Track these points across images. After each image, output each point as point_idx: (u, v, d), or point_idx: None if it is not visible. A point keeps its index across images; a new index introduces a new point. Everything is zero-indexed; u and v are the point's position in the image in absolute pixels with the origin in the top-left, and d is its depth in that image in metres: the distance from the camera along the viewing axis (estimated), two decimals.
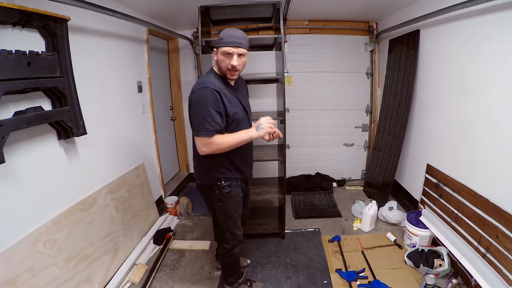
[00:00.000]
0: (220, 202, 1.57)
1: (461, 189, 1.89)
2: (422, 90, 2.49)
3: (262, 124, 1.46)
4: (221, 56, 1.37)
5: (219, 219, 1.64)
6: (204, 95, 1.32)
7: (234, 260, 1.78)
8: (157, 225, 2.56)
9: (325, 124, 3.59)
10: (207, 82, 1.35)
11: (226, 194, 1.52)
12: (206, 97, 1.31)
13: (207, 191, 1.59)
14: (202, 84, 1.35)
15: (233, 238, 1.66)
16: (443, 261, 1.88)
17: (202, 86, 1.34)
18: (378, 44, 3.37)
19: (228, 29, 1.38)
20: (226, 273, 1.85)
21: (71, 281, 1.58)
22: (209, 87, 1.32)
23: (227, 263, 1.78)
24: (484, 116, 1.74)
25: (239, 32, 1.37)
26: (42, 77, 1.40)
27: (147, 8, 2.49)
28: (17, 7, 1.23)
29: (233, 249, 1.70)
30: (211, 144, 1.36)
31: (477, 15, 1.74)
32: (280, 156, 2.32)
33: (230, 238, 1.66)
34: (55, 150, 1.62)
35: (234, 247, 1.70)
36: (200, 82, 1.38)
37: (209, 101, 1.31)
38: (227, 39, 1.34)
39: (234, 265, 1.81)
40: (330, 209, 2.97)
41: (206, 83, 1.35)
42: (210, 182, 1.53)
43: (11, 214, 1.33)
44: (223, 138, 1.38)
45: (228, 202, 1.56)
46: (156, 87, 3.02)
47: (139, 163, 2.53)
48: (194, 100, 1.34)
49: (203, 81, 1.38)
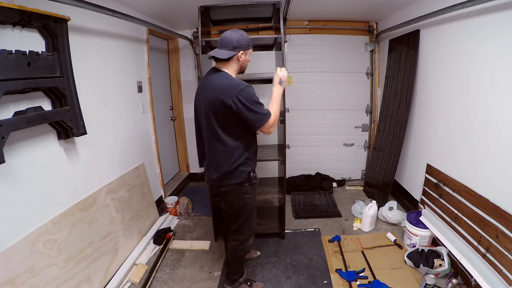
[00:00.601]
0: (247, 194, 1.63)
1: (461, 189, 1.89)
2: (422, 90, 2.49)
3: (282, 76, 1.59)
4: (249, 57, 1.56)
5: (244, 212, 1.67)
6: (250, 90, 1.43)
7: (244, 254, 1.83)
8: (157, 225, 2.56)
9: (325, 124, 3.59)
10: (241, 81, 1.46)
11: (255, 185, 1.64)
12: (252, 92, 1.44)
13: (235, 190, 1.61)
14: (242, 84, 1.44)
15: (250, 229, 1.75)
16: (443, 261, 1.88)
17: (245, 85, 1.43)
18: (378, 44, 3.37)
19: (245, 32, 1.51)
20: (231, 270, 1.84)
21: (71, 281, 1.58)
22: (249, 85, 1.45)
23: (237, 257, 1.80)
24: (484, 116, 1.74)
25: None
26: (42, 77, 1.40)
27: (147, 8, 2.49)
28: (17, 7, 1.23)
29: (248, 240, 1.76)
30: (272, 124, 1.48)
31: (477, 15, 1.74)
32: (280, 156, 2.32)
33: (248, 229, 1.73)
34: (55, 150, 1.62)
35: (248, 238, 1.76)
36: (239, 83, 1.44)
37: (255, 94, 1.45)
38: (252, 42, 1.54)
39: (241, 261, 1.84)
40: (330, 209, 2.97)
41: (243, 83, 1.45)
42: (240, 179, 1.58)
43: (11, 214, 1.33)
44: (274, 114, 1.49)
45: (254, 193, 1.67)
46: (156, 87, 3.01)
47: (139, 163, 2.53)
48: (249, 97, 1.41)
49: (238, 82, 1.46)
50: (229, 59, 1.49)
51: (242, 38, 1.47)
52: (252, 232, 1.78)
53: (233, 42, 1.46)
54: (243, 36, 1.48)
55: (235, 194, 1.62)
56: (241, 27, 3.17)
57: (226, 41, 1.47)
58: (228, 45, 1.47)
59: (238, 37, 1.47)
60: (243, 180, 1.58)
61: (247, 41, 1.50)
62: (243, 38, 1.48)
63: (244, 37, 1.49)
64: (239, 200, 1.64)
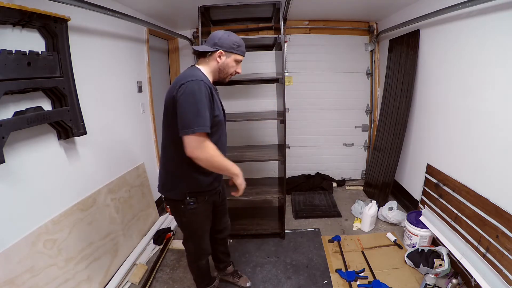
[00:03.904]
0: (184, 217, 1.43)
1: (461, 189, 1.89)
2: (422, 90, 2.49)
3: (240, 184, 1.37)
4: (232, 62, 1.36)
5: (183, 232, 1.54)
6: (199, 87, 1.17)
7: (200, 271, 1.70)
8: (157, 225, 2.56)
9: (325, 124, 3.59)
10: (199, 76, 1.22)
11: (191, 210, 1.38)
12: (201, 90, 1.17)
13: (171, 204, 1.44)
14: (194, 76, 1.20)
15: (198, 251, 1.56)
16: (443, 261, 1.88)
17: (195, 78, 1.19)
18: (378, 44, 3.37)
19: (239, 37, 1.37)
20: (194, 278, 1.77)
21: (71, 281, 1.57)
22: (203, 81, 1.20)
23: (192, 271, 1.71)
24: (484, 116, 1.74)
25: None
26: (42, 77, 1.40)
27: (147, 8, 2.49)
28: (17, 7, 1.23)
29: (198, 261, 1.62)
30: (205, 147, 1.19)
31: (477, 15, 1.74)
32: (280, 156, 2.32)
33: (194, 251, 1.57)
34: (55, 150, 1.62)
35: (198, 259, 1.61)
36: (190, 75, 1.22)
37: (204, 95, 1.18)
38: (243, 49, 1.37)
39: (201, 274, 1.73)
40: (330, 209, 2.97)
41: (198, 77, 1.21)
42: (174, 196, 1.39)
43: (11, 214, 1.33)
44: (216, 151, 1.24)
45: (193, 218, 1.43)
46: (156, 87, 3.01)
47: (139, 163, 2.53)
48: (188, 92, 1.16)
49: (192, 74, 1.22)
50: (206, 56, 1.33)
51: (227, 38, 1.31)
52: (198, 254, 1.57)
53: (215, 38, 1.32)
54: (229, 37, 1.32)
55: (174, 207, 1.43)
56: (241, 27, 3.21)
57: (210, 37, 1.35)
58: (210, 41, 1.34)
59: (223, 35, 1.31)
60: (178, 199, 1.37)
61: (233, 43, 1.32)
62: (228, 39, 1.31)
63: (231, 38, 1.32)
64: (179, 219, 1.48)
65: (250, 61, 3.27)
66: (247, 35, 3.27)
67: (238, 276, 1.95)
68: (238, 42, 1.34)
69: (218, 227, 1.70)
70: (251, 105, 3.43)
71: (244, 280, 1.95)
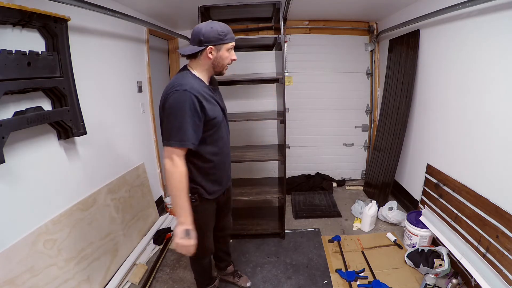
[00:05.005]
0: None
1: (461, 189, 1.89)
2: (422, 90, 2.49)
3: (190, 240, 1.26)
4: (225, 53, 1.26)
5: None
6: (183, 100, 1.15)
7: (202, 270, 1.70)
8: (157, 225, 2.56)
9: (325, 124, 3.59)
10: (185, 85, 1.17)
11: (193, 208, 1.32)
12: (185, 103, 1.14)
13: None
14: (179, 86, 1.17)
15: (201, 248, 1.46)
16: (443, 261, 1.88)
17: (179, 88, 1.16)
18: (378, 44, 3.37)
19: (222, 24, 1.25)
20: (196, 277, 1.78)
21: (71, 281, 1.57)
22: (188, 90, 1.15)
23: (194, 269, 1.71)
24: (484, 115, 1.74)
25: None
26: (42, 77, 1.40)
27: (147, 8, 2.49)
28: (17, 7, 1.23)
29: (201, 259, 1.61)
30: (174, 161, 1.19)
31: (477, 15, 1.74)
32: (280, 156, 2.32)
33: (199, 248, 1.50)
34: (55, 150, 1.62)
35: (201, 258, 1.59)
36: (177, 83, 1.18)
37: (188, 107, 1.15)
38: (231, 34, 1.26)
39: (202, 273, 1.74)
40: (330, 209, 2.97)
41: (184, 85, 1.17)
42: None
43: (11, 214, 1.33)
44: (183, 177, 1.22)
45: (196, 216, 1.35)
46: (156, 87, 3.01)
47: (139, 163, 2.53)
48: (172, 103, 1.16)
49: (179, 83, 1.18)
50: (197, 56, 1.25)
51: (211, 31, 1.20)
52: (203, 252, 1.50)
53: (199, 35, 1.21)
54: (213, 28, 1.20)
55: None
56: (241, 27, 3.21)
57: (193, 34, 1.23)
58: (195, 39, 1.23)
59: (206, 29, 1.20)
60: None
61: (220, 34, 1.21)
62: (213, 31, 1.20)
63: (215, 29, 1.20)
64: None
65: (250, 61, 3.27)
66: (247, 35, 3.27)
67: (238, 276, 1.95)
68: (224, 31, 1.23)
69: (220, 225, 1.68)
70: (251, 105, 3.43)
71: (244, 280, 1.95)
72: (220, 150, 1.39)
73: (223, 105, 1.45)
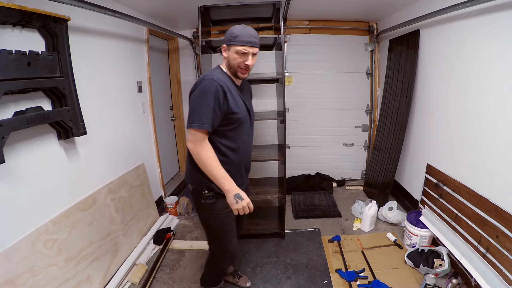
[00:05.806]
0: (204, 213, 1.44)
1: (461, 189, 1.89)
2: (422, 90, 2.49)
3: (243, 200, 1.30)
4: (234, 55, 1.31)
5: (205, 230, 1.53)
6: (209, 87, 1.24)
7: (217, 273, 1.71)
8: (157, 225, 2.56)
9: (325, 124, 3.59)
10: (213, 75, 1.28)
11: (209, 205, 1.38)
12: (210, 90, 1.23)
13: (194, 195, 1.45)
14: (209, 76, 1.27)
15: (221, 252, 1.53)
16: (443, 261, 1.88)
17: (209, 77, 1.26)
18: (378, 44, 3.37)
19: (242, 27, 1.31)
20: (206, 274, 1.78)
21: (71, 281, 1.58)
22: (216, 80, 1.25)
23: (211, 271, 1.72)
24: (484, 116, 1.74)
25: (253, 31, 1.32)
26: (42, 77, 1.40)
27: (147, 8, 2.49)
28: (17, 7, 1.23)
29: (222, 264, 1.60)
30: (198, 143, 1.25)
31: (477, 15, 1.74)
32: (280, 156, 2.32)
33: (217, 253, 1.54)
34: (55, 150, 1.62)
35: (222, 263, 1.59)
36: (206, 74, 1.30)
37: (213, 95, 1.23)
38: (243, 38, 1.28)
39: (215, 276, 1.76)
40: (330, 209, 2.97)
41: (212, 76, 1.28)
42: (195, 186, 1.41)
43: (11, 214, 1.33)
44: (209, 153, 1.27)
45: (214, 213, 1.41)
46: (156, 87, 3.02)
47: (139, 163, 2.53)
48: (199, 90, 1.26)
49: (209, 74, 1.30)
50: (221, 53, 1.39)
51: (228, 31, 1.32)
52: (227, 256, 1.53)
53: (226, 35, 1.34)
54: (230, 30, 1.32)
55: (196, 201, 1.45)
56: None
57: None
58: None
59: (229, 30, 1.32)
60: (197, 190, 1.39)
61: (231, 35, 1.30)
62: (229, 32, 1.31)
63: (230, 31, 1.31)
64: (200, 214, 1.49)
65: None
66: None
67: (238, 276, 1.95)
68: (235, 33, 1.29)
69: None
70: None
71: (244, 280, 1.95)
72: (238, 148, 1.40)
73: (250, 107, 1.50)
